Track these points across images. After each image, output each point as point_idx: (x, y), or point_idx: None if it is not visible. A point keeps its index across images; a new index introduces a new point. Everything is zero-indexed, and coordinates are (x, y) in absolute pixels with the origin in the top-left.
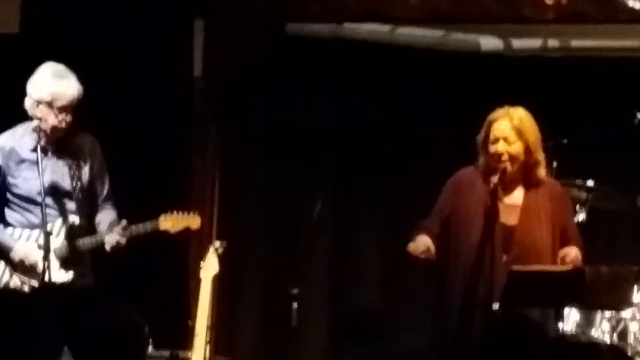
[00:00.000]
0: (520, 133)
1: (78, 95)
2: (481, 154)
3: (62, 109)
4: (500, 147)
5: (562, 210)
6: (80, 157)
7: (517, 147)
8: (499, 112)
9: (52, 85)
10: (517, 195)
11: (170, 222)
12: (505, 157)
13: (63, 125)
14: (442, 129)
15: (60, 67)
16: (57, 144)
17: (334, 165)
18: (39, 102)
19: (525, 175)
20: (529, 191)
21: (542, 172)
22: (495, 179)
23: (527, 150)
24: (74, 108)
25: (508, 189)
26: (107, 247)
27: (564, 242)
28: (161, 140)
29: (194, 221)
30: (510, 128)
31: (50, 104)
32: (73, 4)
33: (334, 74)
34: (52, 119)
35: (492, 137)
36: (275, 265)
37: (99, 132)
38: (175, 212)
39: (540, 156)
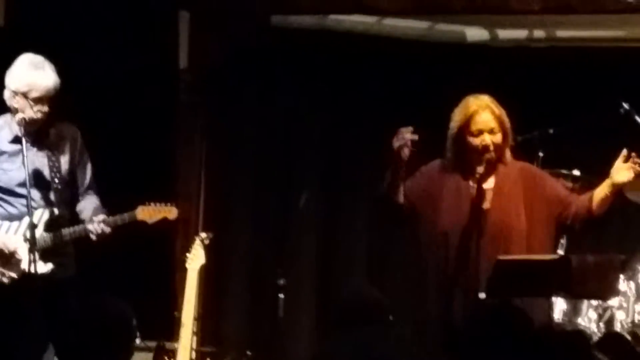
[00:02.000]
0: (501, 122)
1: (54, 86)
2: (453, 146)
3: (38, 100)
4: (487, 138)
5: (537, 183)
6: (59, 147)
7: (500, 136)
8: (476, 103)
9: (27, 76)
10: (490, 181)
11: (148, 213)
12: (492, 147)
13: (39, 116)
14: (428, 119)
15: (37, 58)
16: (35, 134)
17: (320, 156)
18: (15, 93)
19: (498, 160)
20: (499, 175)
21: (509, 154)
22: (481, 168)
23: (505, 137)
24: (51, 99)
25: (485, 175)
26: (93, 237)
27: (568, 204)
28: (147, 133)
29: (170, 212)
30: (494, 119)
31: (26, 95)
32: None
33: (319, 65)
34: (28, 110)
35: (474, 129)
36: (262, 256)
37: (85, 125)
38: (152, 204)
39: (511, 139)
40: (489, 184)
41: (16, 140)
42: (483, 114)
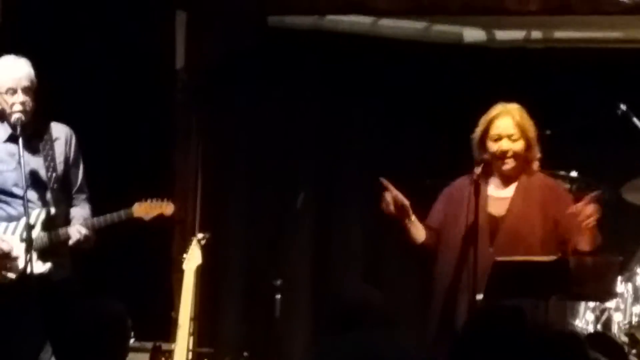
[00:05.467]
0: (522, 130)
1: (25, 77)
2: (478, 152)
3: (13, 92)
4: (505, 144)
5: (556, 203)
6: (55, 147)
7: (520, 144)
8: (498, 109)
9: None
10: (510, 189)
11: (144, 210)
12: (510, 154)
13: (20, 109)
14: (424, 120)
15: (4, 58)
16: (30, 135)
17: (316, 156)
18: None
19: (521, 170)
20: (521, 184)
21: (536, 165)
22: (478, 169)
23: (528, 146)
24: (28, 90)
25: (505, 184)
26: (70, 242)
27: (564, 239)
28: (143, 133)
29: (167, 208)
30: (514, 125)
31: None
32: None
33: (315, 66)
34: (7, 107)
35: (494, 134)
36: (258, 257)
37: (80, 124)
38: (148, 200)
39: (537, 151)
40: (508, 192)
41: (10, 139)
42: (503, 119)
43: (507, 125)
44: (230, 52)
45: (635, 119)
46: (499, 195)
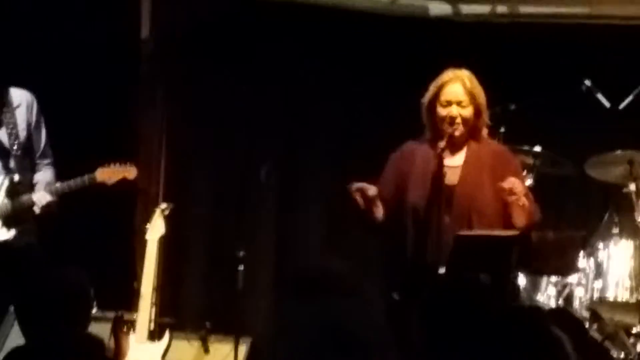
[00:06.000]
0: (472, 96)
1: None
2: (426, 118)
3: None
4: (454, 110)
5: (504, 169)
6: (16, 114)
7: (469, 110)
8: (449, 75)
9: None
10: (460, 157)
11: (107, 174)
12: (459, 120)
13: None
14: (389, 93)
15: None
16: None
17: (281, 128)
18: None
19: (470, 137)
20: (470, 151)
21: (485, 132)
22: (442, 143)
23: (477, 112)
24: None
25: (453, 151)
26: (36, 209)
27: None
28: (108, 102)
29: (130, 172)
30: (464, 91)
31: None
32: None
33: (282, 37)
34: None
35: (443, 100)
36: (221, 228)
37: (44, 90)
38: (111, 164)
39: (487, 118)
40: (458, 160)
41: None
42: (453, 85)
43: (457, 91)
44: (196, 22)
45: (599, 95)
46: (449, 164)
